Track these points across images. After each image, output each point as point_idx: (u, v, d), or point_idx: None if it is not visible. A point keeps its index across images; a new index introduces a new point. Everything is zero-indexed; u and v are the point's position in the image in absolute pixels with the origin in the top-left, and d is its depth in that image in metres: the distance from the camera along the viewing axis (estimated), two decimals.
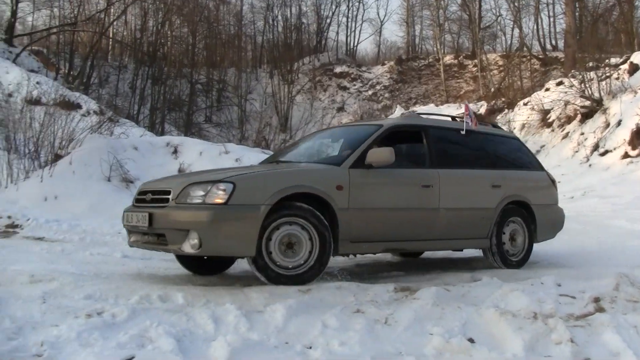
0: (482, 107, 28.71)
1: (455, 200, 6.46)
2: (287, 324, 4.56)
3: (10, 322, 4.15)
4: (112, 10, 32.60)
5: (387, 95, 44.42)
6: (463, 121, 7.02)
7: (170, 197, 5.41)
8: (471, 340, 4.26)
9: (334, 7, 50.50)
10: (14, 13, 26.60)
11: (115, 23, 34.74)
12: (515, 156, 7.56)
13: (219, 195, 5.15)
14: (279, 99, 40.68)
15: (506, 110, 26.97)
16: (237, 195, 5.13)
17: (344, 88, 45.33)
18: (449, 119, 7.47)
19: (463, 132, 6.91)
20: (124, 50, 38.55)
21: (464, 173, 6.75)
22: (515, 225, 7.10)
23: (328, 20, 50.74)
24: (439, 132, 6.81)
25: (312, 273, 5.43)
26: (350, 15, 52.56)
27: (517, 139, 8.06)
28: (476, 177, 6.82)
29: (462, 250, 7.65)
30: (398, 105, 36.42)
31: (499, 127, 8.21)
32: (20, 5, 27.66)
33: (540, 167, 7.75)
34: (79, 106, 16.63)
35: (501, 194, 6.87)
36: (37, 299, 4.70)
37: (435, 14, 47.93)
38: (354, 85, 45.76)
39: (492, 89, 35.21)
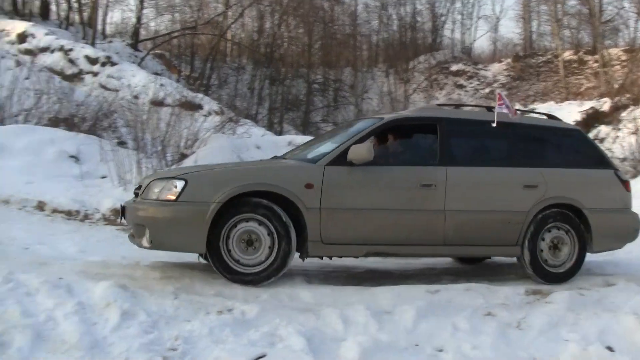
0: (604, 104, 27.01)
1: (468, 201, 5.89)
2: (417, 325, 4.52)
3: (146, 316, 4.31)
4: (230, 13, 33.50)
5: (504, 93, 42.92)
6: (495, 112, 6.28)
7: (140, 191, 5.58)
8: (610, 349, 4.05)
9: (448, 4, 49.34)
10: (138, 19, 28.06)
11: (233, 26, 35.64)
12: (568, 152, 6.64)
13: (171, 192, 5.21)
14: (395, 98, 40.32)
15: (632, 107, 25.14)
16: (187, 192, 5.16)
17: (461, 86, 44.23)
18: (483, 110, 6.96)
19: (494, 125, 6.13)
20: (242, 52, 39.57)
21: (483, 171, 6.06)
22: (560, 232, 6.20)
23: (443, 18, 49.67)
24: (457, 126, 6.25)
25: (270, 272, 5.29)
26: (465, 12, 51.18)
27: (578, 132, 7.03)
28: (501, 176, 6.09)
29: (489, 257, 7.04)
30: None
31: (556, 119, 7.15)
32: (144, 11, 29.11)
33: (606, 165, 6.65)
34: (200, 107, 17.20)
35: (537, 196, 6.06)
36: (170, 294, 4.84)
37: (553, 8, 45.54)
38: (471, 83, 44.53)
39: (616, 85, 33.03)
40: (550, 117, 7.16)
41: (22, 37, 22.47)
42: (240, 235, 5.27)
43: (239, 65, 37.83)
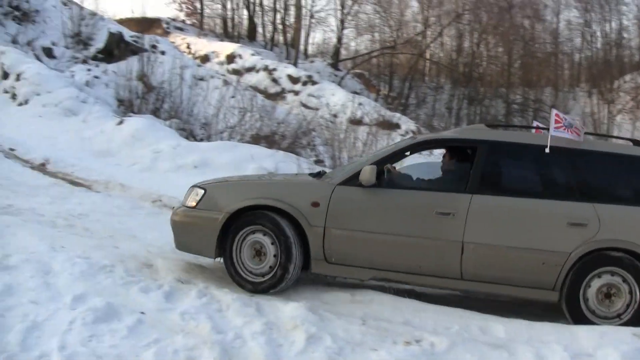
0: None
1: (495, 235, 5.12)
2: None
3: (332, 342, 4.18)
4: (428, 32, 33.26)
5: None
6: (549, 136, 5.24)
7: None
8: None
9: None
10: (339, 39, 28.78)
11: (431, 45, 35.35)
12: (621, 183, 5.46)
13: (193, 199, 5.69)
14: (599, 120, 37.20)
15: None
16: (204, 201, 5.58)
17: None
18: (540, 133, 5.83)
19: (547, 151, 5.18)
20: (440, 71, 39.05)
21: (518, 203, 5.20)
22: (614, 279, 4.99)
23: None
24: (499, 149, 5.50)
25: (273, 283, 5.29)
26: None
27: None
28: (539, 210, 5.16)
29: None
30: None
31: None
32: (345, 32, 29.80)
33: None
34: (398, 126, 17.07)
35: (585, 236, 5.00)
36: (357, 319, 4.70)
37: None
38: None
39: None
40: (636, 143, 5.87)
41: (231, 58, 24.10)
42: (251, 244, 5.42)
43: (437, 84, 37.32)
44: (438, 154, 7.43)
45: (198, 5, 35.69)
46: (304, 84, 19.79)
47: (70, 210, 8.08)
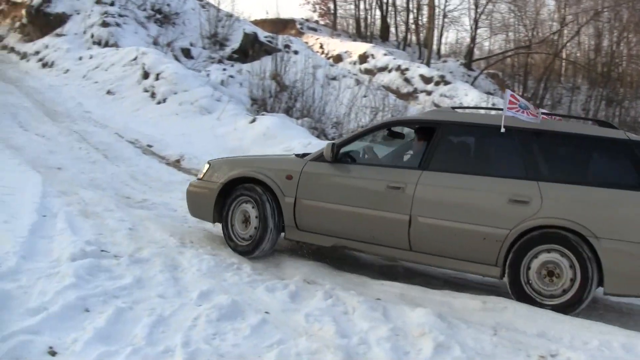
0: None
1: (440, 209, 5.34)
2: None
3: (461, 351, 4.00)
4: (565, 31, 31.65)
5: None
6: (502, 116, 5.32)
7: None
8: None
9: None
10: (473, 39, 28.06)
11: (568, 44, 33.62)
12: (597, 167, 5.34)
13: (202, 172, 6.71)
14: None
15: None
16: (208, 174, 6.53)
17: None
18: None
19: (502, 130, 5.26)
20: (577, 71, 37.09)
21: (463, 179, 5.33)
22: (557, 257, 4.93)
23: None
24: (455, 129, 5.75)
25: (253, 246, 6.04)
26: None
27: (624, 144, 5.18)
28: (482, 186, 5.25)
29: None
30: None
31: (611, 126, 5.62)
32: (478, 31, 29.00)
33: None
34: None
35: (527, 213, 5.01)
36: (489, 329, 4.47)
37: None
38: None
39: None
40: (604, 124, 5.79)
41: (363, 58, 24.13)
42: (242, 212, 6.21)
43: (574, 85, 35.43)
44: None
45: (331, 5, 36.27)
46: (437, 83, 19.39)
47: None
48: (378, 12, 34.68)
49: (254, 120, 12.43)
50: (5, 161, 8.84)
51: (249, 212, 6.15)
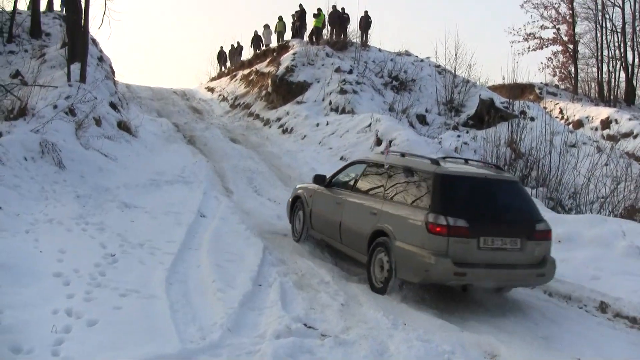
0: None
1: (350, 218, 8.30)
2: None
3: None
4: None
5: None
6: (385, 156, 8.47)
7: None
8: None
9: None
10: None
11: None
12: (404, 189, 7.53)
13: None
14: None
15: None
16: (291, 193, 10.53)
17: None
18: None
19: (386, 166, 8.11)
20: None
21: (358, 198, 8.29)
22: (382, 254, 7.38)
23: None
24: (371, 166, 8.59)
25: (300, 237, 9.68)
26: None
27: (419, 172, 7.42)
28: (363, 204, 8.08)
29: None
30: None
31: (418, 158, 8.12)
32: None
33: (433, 209, 6.83)
34: None
35: (375, 221, 7.63)
36: None
37: None
38: None
39: None
40: (403, 155, 8.45)
41: (606, 123, 22.32)
42: (298, 216, 9.83)
43: None
44: None
45: (572, 69, 34.46)
46: None
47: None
48: (622, 75, 32.30)
49: None
50: (233, 226, 9.46)
51: (300, 216, 9.73)
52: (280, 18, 30.71)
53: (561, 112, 27.60)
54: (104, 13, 16.73)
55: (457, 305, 7.11)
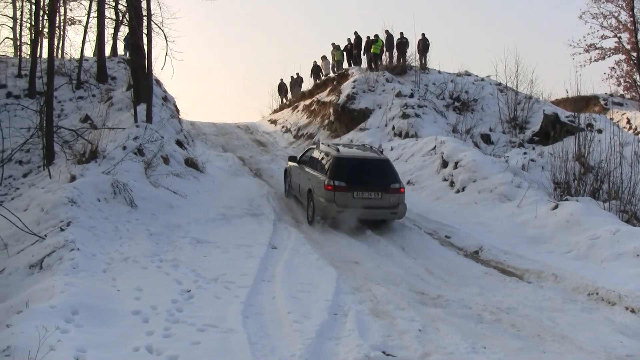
0: None
1: (302, 182, 13.64)
2: None
3: None
4: None
5: None
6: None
7: None
8: None
9: None
10: None
11: None
12: (323, 165, 12.90)
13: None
14: None
15: None
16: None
17: None
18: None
19: (319, 152, 13.62)
20: None
21: (305, 170, 13.68)
22: (311, 201, 12.81)
23: None
24: (313, 151, 14.03)
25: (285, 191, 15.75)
26: None
27: (329, 155, 12.86)
28: (308, 172, 13.41)
29: None
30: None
31: (331, 147, 13.29)
32: None
33: (329, 177, 12.22)
34: None
35: (309, 184, 13.06)
36: None
37: None
38: None
39: None
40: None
41: None
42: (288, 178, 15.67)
43: None
44: None
45: (637, 77, 33.38)
46: None
47: (498, 302, 7.87)
48: None
49: (556, 207, 11.66)
50: (304, 256, 9.53)
51: (287, 180, 15.41)
52: (338, 47, 31.05)
53: (629, 122, 26.70)
54: (166, 54, 17.51)
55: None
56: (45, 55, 23.03)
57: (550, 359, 5.91)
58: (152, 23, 16.85)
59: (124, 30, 27.32)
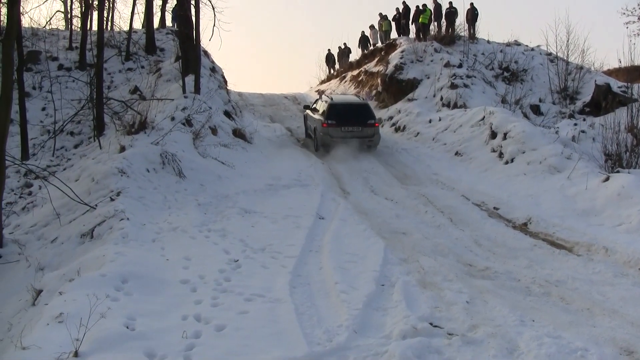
0: None
1: (311, 123, 18.74)
2: None
3: None
4: None
5: None
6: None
7: None
8: None
9: None
10: None
11: None
12: (322, 110, 17.87)
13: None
14: None
15: None
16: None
17: None
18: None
19: (322, 100, 18.69)
20: None
21: (313, 114, 18.48)
22: (314, 136, 18.04)
23: None
24: (319, 100, 19.34)
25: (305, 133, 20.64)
26: None
27: (326, 102, 17.88)
28: (314, 116, 18.26)
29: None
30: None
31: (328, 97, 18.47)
32: None
33: (325, 117, 17.33)
34: None
35: (314, 124, 18.18)
36: None
37: None
38: None
39: None
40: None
41: None
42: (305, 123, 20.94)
43: None
44: None
45: None
46: None
47: (547, 275, 7.69)
48: None
49: (607, 179, 11.25)
50: (352, 227, 9.47)
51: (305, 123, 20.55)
52: (385, 17, 30.58)
53: None
54: (214, 25, 17.46)
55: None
56: (95, 27, 23.39)
57: (600, 334, 5.74)
58: None
59: (172, 2, 27.53)
